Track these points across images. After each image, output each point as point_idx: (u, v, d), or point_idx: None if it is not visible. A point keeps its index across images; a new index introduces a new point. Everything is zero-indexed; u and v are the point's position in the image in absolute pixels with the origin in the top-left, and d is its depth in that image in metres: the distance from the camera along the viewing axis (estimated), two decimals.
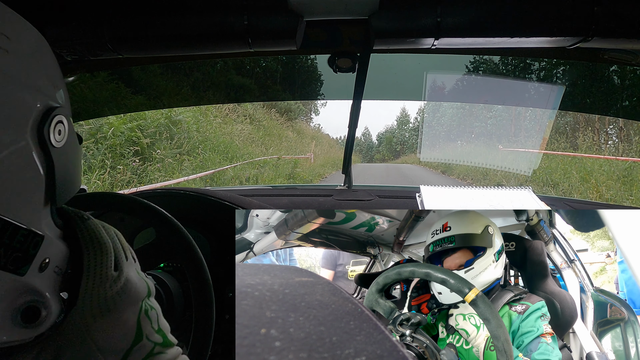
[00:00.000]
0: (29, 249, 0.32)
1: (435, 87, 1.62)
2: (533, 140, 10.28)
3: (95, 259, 0.39)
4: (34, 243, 0.33)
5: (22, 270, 0.32)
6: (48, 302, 0.34)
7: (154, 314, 0.43)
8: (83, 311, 0.38)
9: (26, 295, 0.33)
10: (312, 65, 2.84)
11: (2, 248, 0.30)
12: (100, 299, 0.38)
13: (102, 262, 0.40)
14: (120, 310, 0.39)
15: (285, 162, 10.07)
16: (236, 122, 11.34)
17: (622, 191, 6.82)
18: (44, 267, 0.34)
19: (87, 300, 0.38)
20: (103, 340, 0.38)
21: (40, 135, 0.34)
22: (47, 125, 0.34)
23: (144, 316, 0.42)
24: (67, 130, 0.37)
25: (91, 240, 0.40)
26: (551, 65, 2.14)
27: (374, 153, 48.29)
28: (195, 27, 0.65)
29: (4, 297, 0.31)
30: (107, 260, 0.40)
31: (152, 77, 1.53)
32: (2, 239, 0.30)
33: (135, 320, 0.41)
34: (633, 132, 11.07)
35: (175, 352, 0.45)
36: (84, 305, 0.38)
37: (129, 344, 0.40)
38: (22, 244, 0.31)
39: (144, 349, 0.41)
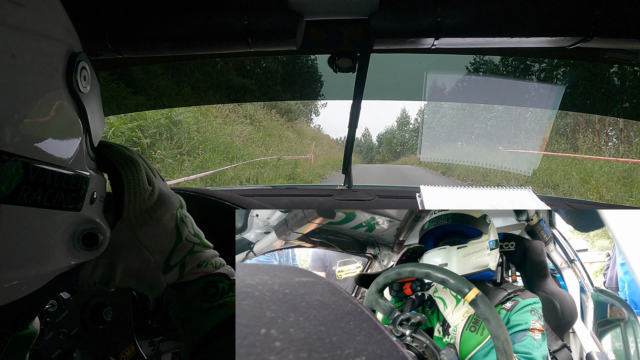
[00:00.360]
0: (81, 189, 0.37)
1: (435, 87, 1.63)
2: (533, 141, 10.29)
3: (132, 176, 0.44)
4: (84, 182, 0.37)
5: (79, 207, 0.37)
6: (101, 227, 0.40)
7: (188, 221, 0.49)
8: (129, 221, 0.43)
9: (84, 224, 0.39)
10: (312, 66, 2.84)
11: (61, 192, 0.34)
12: (143, 209, 0.44)
13: (138, 177, 0.45)
14: (159, 217, 0.45)
15: (286, 163, 10.07)
16: (236, 122, 11.35)
17: (622, 192, 6.82)
18: (93, 199, 0.39)
19: (131, 211, 0.44)
20: (149, 243, 0.45)
21: (70, 83, 0.36)
22: (74, 73, 0.36)
23: (180, 222, 0.48)
24: (90, 75, 0.39)
25: (125, 161, 0.44)
26: (551, 66, 2.14)
27: (374, 154, 48.32)
28: (195, 27, 0.65)
29: (67, 229, 0.37)
30: (142, 176, 0.45)
31: (152, 77, 1.53)
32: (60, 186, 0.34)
33: (174, 225, 0.47)
34: (633, 133, 11.08)
35: (212, 252, 0.51)
36: (129, 216, 0.44)
37: (172, 245, 0.46)
38: (75, 186, 0.36)
39: (184, 248, 0.47)
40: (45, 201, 0.33)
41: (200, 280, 0.47)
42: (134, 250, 0.44)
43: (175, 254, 0.46)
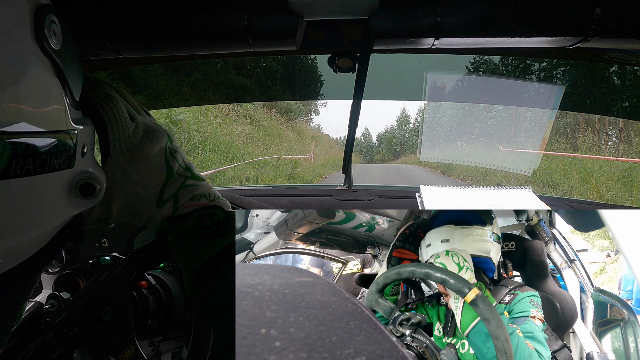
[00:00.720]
0: (71, 147, 0.37)
1: (435, 87, 1.63)
2: (533, 140, 10.29)
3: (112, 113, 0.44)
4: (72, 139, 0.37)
5: (72, 164, 0.37)
6: (96, 176, 0.40)
7: (178, 155, 0.49)
8: (117, 158, 0.44)
9: (79, 176, 0.39)
10: (312, 65, 2.84)
11: (51, 156, 0.34)
12: (129, 146, 0.44)
13: (117, 114, 0.44)
14: (147, 152, 0.45)
15: (286, 162, 10.07)
16: (236, 122, 11.35)
17: (622, 192, 6.82)
18: (84, 152, 0.39)
19: (118, 149, 0.44)
20: (140, 178, 0.45)
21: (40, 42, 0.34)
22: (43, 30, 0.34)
23: (170, 156, 0.48)
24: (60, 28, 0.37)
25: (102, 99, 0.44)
26: (551, 66, 2.14)
27: (374, 153, 48.32)
28: (195, 27, 0.65)
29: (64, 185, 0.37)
30: (122, 113, 0.44)
31: (152, 77, 1.54)
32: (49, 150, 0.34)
33: (164, 160, 0.47)
34: (633, 132, 11.08)
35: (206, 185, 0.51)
36: (116, 154, 0.44)
37: (163, 180, 0.46)
38: (64, 146, 0.36)
39: (176, 182, 0.47)
40: (38, 168, 0.33)
41: (195, 213, 0.48)
42: (127, 187, 0.45)
43: (167, 188, 0.47)
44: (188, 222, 0.47)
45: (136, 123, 0.46)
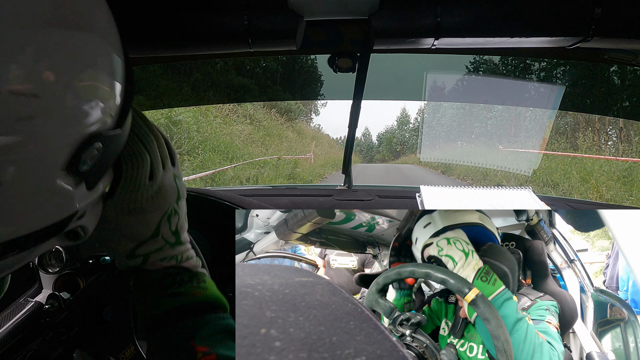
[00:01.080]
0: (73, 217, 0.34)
1: (435, 87, 1.63)
2: (533, 140, 10.29)
3: (132, 170, 0.44)
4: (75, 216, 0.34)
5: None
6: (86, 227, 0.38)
7: (175, 219, 0.49)
8: (115, 207, 0.44)
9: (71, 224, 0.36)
10: (312, 65, 2.84)
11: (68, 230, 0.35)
12: (131, 202, 0.44)
13: (138, 173, 0.44)
14: (147, 212, 0.45)
15: (286, 162, 10.07)
16: (236, 122, 11.35)
17: (622, 191, 6.82)
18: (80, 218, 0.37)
19: (121, 199, 0.44)
20: (127, 230, 0.45)
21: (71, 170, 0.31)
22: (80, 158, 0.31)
23: (165, 220, 0.47)
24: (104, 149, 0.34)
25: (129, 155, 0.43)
26: (551, 66, 2.14)
27: (374, 153, 48.28)
28: (195, 27, 0.65)
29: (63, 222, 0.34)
30: (143, 171, 0.44)
31: (152, 77, 1.54)
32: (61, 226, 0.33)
33: (157, 221, 0.47)
34: (633, 132, 11.08)
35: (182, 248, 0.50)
36: (117, 202, 0.44)
37: (145, 237, 0.46)
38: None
39: (155, 244, 0.47)
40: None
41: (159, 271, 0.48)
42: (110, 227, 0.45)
43: (143, 245, 0.47)
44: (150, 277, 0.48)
45: (153, 181, 0.45)
